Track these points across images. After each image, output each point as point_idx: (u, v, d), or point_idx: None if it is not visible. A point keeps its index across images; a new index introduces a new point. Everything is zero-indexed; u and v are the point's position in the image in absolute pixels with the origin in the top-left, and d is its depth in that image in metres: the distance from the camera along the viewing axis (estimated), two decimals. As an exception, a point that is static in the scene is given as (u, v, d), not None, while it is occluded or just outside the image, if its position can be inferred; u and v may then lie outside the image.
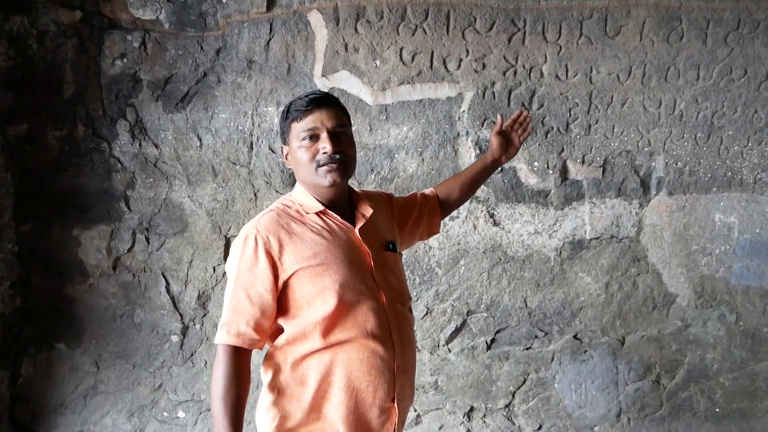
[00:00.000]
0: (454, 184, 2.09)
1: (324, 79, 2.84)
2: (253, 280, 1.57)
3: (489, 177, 2.20)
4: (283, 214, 1.65)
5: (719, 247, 2.88)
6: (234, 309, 1.57)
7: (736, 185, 2.86)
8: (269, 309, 1.58)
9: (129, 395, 3.00)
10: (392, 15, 2.78)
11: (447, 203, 2.08)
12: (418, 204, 2.01)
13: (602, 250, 2.91)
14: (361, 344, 1.59)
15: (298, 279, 1.58)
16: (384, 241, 1.75)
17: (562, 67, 2.81)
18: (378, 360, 1.60)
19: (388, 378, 1.62)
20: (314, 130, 1.62)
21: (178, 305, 2.98)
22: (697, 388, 2.96)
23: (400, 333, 1.67)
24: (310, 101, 1.63)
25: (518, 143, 2.13)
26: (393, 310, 1.66)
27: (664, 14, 2.74)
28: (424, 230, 2.03)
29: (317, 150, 1.62)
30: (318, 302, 1.58)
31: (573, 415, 2.98)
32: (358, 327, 1.59)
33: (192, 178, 2.91)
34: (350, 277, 1.60)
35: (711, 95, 2.81)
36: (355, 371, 1.59)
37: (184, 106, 2.86)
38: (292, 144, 1.66)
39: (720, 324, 2.92)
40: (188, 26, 2.81)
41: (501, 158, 2.12)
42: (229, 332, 1.56)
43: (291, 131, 1.66)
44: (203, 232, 2.94)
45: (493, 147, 2.10)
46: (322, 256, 1.59)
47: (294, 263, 1.58)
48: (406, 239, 1.97)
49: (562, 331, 2.96)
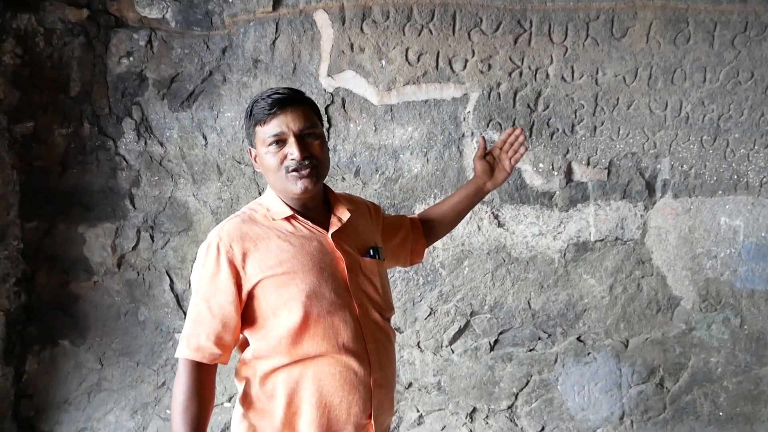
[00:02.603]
0: (435, 215, 1.95)
1: (329, 79, 2.84)
2: (215, 291, 1.48)
3: (474, 206, 2.01)
4: (248, 220, 1.55)
5: (724, 250, 2.87)
6: (195, 321, 1.49)
7: (741, 188, 2.85)
8: (231, 321, 1.48)
9: (132, 392, 3.01)
10: (398, 15, 2.78)
11: (429, 233, 1.95)
12: (405, 228, 1.90)
13: (606, 253, 2.91)
14: (333, 358, 1.49)
15: (262, 289, 1.49)
16: (363, 247, 1.64)
17: (568, 69, 2.80)
18: (352, 375, 1.50)
19: (364, 394, 1.52)
20: (280, 135, 1.51)
21: (182, 303, 2.98)
22: (700, 392, 2.95)
23: (377, 345, 1.56)
24: (273, 103, 1.50)
25: (509, 166, 1.90)
26: (368, 320, 1.56)
27: (671, 16, 2.73)
28: (406, 257, 1.91)
29: (284, 155, 1.51)
30: (284, 313, 1.48)
31: (576, 417, 2.98)
32: (329, 340, 1.49)
33: (197, 177, 2.92)
34: (319, 286, 1.50)
35: (717, 98, 2.79)
36: (327, 387, 1.50)
37: (190, 104, 2.87)
38: (259, 148, 1.55)
39: (724, 327, 2.90)
40: (194, 25, 2.81)
41: (486, 185, 1.92)
42: (189, 346, 1.48)
43: (256, 135, 1.55)
44: (208, 230, 2.89)
45: (477, 172, 1.91)
46: (288, 264, 1.49)
47: (258, 272, 1.48)
48: (387, 259, 1.81)
49: (566, 333, 2.96)
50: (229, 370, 2.96)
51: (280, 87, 1.58)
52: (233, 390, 3.00)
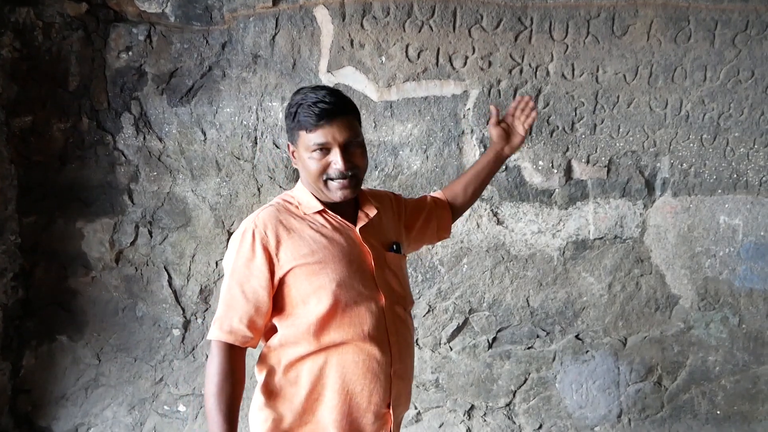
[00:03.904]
0: (459, 186, 2.01)
1: (329, 75, 2.83)
2: (249, 276, 1.54)
3: (496, 172, 2.09)
4: (283, 210, 1.62)
5: (723, 249, 2.87)
6: (228, 305, 1.55)
7: (741, 187, 2.85)
8: (264, 306, 1.54)
9: (130, 388, 3.00)
10: (399, 11, 2.77)
11: (455, 206, 2.01)
12: (428, 207, 1.95)
13: (606, 251, 2.91)
14: (357, 347, 1.55)
15: (294, 276, 1.55)
16: (387, 242, 1.71)
17: (569, 66, 2.79)
18: (374, 363, 1.56)
19: (384, 383, 1.58)
20: (325, 145, 1.55)
21: (180, 299, 2.98)
22: (698, 390, 2.95)
23: (398, 337, 1.63)
24: (321, 114, 1.52)
25: (523, 130, 1.98)
26: (392, 313, 1.62)
27: (672, 14, 2.72)
28: (433, 234, 1.97)
29: (328, 163, 1.56)
30: (313, 301, 1.54)
31: (574, 415, 2.98)
32: (355, 329, 1.55)
33: (196, 173, 2.91)
34: (348, 276, 1.56)
35: (718, 96, 2.79)
36: (350, 374, 1.55)
37: (189, 100, 2.85)
38: (300, 151, 1.60)
39: (723, 326, 2.91)
40: (194, 20, 2.80)
41: (504, 149, 2.00)
42: (222, 328, 1.53)
43: (299, 138, 1.58)
44: (206, 226, 2.94)
45: (493, 139, 1.99)
46: (319, 254, 1.55)
47: (291, 260, 1.54)
48: (413, 242, 1.92)
49: (564, 330, 2.96)
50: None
51: (324, 92, 1.57)
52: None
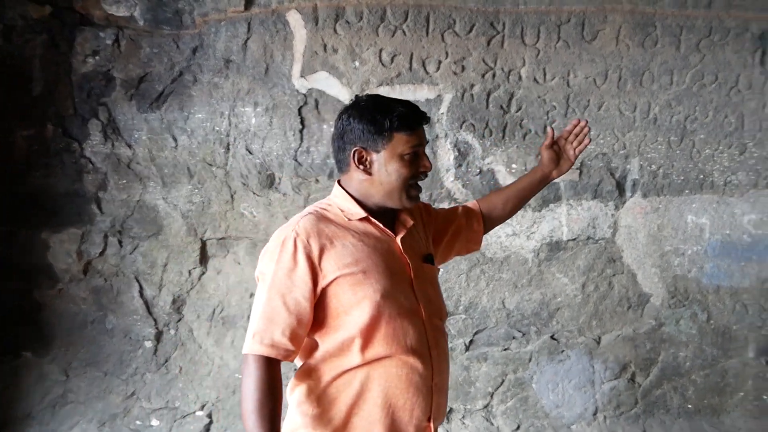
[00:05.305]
0: (498, 199, 1.97)
1: (302, 80, 2.81)
2: (291, 287, 1.47)
3: (537, 193, 2.04)
4: (322, 218, 1.56)
5: (691, 247, 2.96)
6: (268, 317, 1.47)
7: (707, 187, 2.94)
8: (306, 317, 1.48)
9: (100, 404, 2.90)
10: (372, 16, 2.77)
11: (490, 218, 1.96)
12: (459, 217, 1.91)
13: (579, 251, 2.96)
14: (400, 360, 1.51)
15: (338, 286, 1.50)
16: (423, 253, 1.68)
17: (540, 71, 2.84)
18: (417, 377, 1.52)
19: (426, 396, 1.54)
20: (420, 146, 1.57)
21: (152, 310, 2.90)
22: (670, 386, 3.03)
23: (438, 350, 1.60)
24: (418, 117, 1.56)
25: (573, 156, 1.93)
26: (432, 325, 1.59)
27: (640, 20, 2.80)
28: (462, 246, 1.93)
29: (417, 167, 1.57)
30: (356, 312, 1.49)
31: (550, 414, 3.02)
32: (398, 341, 1.51)
33: (167, 180, 2.84)
34: (391, 287, 1.52)
35: (684, 100, 2.88)
36: (393, 388, 1.51)
37: (159, 105, 2.79)
38: (387, 156, 1.55)
39: (692, 323, 2.99)
40: (164, 24, 2.74)
41: (551, 173, 1.95)
42: (263, 342, 1.45)
43: (391, 142, 1.54)
44: (178, 234, 2.87)
45: (543, 161, 1.93)
46: (363, 264, 1.51)
47: (335, 269, 1.49)
48: (442, 253, 1.87)
49: (540, 331, 3.00)
50: (195, 377, 2.90)
51: (397, 100, 1.60)
52: (205, 398, 2.94)
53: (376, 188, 1.58)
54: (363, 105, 1.58)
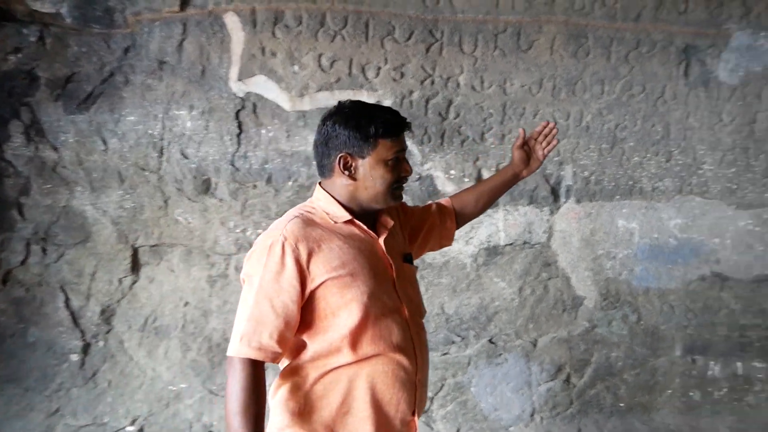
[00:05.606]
0: (470, 196, 2.03)
1: (240, 83, 2.76)
2: (279, 290, 1.50)
3: (507, 191, 2.14)
4: (309, 221, 1.58)
5: (622, 251, 3.06)
6: (256, 320, 1.49)
7: (636, 193, 3.05)
8: (293, 320, 1.51)
9: (20, 423, 2.73)
10: (311, 21, 2.75)
11: (462, 215, 2.02)
12: (433, 215, 1.96)
13: (516, 256, 3.01)
14: (387, 357, 1.57)
15: (326, 288, 1.53)
16: (402, 253, 1.73)
17: (478, 78, 2.89)
18: (403, 373, 1.58)
19: (410, 391, 1.60)
20: (402, 152, 1.63)
21: (79, 321, 2.76)
22: (603, 386, 3.11)
23: (421, 345, 1.67)
24: (402, 123, 1.62)
25: (542, 156, 2.02)
26: (414, 323, 1.66)
27: (573, 31, 2.89)
28: (435, 243, 1.99)
29: (399, 172, 1.62)
30: (344, 314, 1.53)
31: (489, 417, 3.05)
32: (385, 340, 1.56)
33: (96, 185, 2.72)
34: (376, 288, 1.57)
35: (614, 109, 2.98)
36: (381, 384, 1.56)
37: (88, 107, 2.67)
38: (372, 161, 1.59)
39: (623, 324, 3.09)
40: (93, 22, 2.63)
41: (522, 172, 2.04)
42: (250, 345, 1.48)
43: (376, 147, 1.59)
44: (108, 242, 2.75)
45: (514, 161, 2.02)
46: (350, 266, 1.55)
47: (323, 273, 1.52)
48: (416, 250, 1.92)
49: (478, 335, 3.03)
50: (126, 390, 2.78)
51: (384, 106, 1.70)
52: (136, 412, 2.81)
53: (360, 192, 1.62)
54: (348, 111, 1.61)
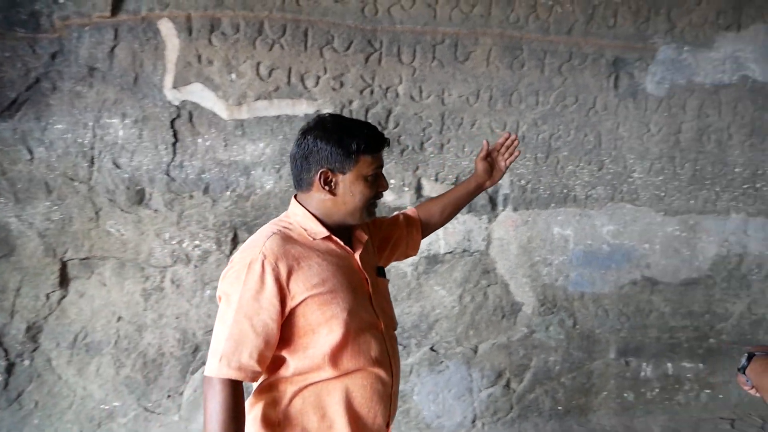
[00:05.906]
0: (435, 207, 2.06)
1: (175, 91, 2.70)
2: (258, 309, 1.48)
3: (471, 201, 2.17)
4: (287, 238, 1.56)
5: (558, 257, 3.14)
6: (235, 340, 1.47)
7: (570, 201, 3.14)
8: (273, 339, 1.50)
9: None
10: (249, 29, 2.72)
11: (428, 225, 2.04)
12: (400, 226, 1.97)
13: (455, 264, 3.05)
14: (366, 371, 1.58)
15: (306, 306, 1.52)
16: (375, 266, 1.74)
17: (417, 89, 2.92)
18: (380, 386, 1.60)
19: (386, 403, 1.62)
20: (380, 168, 1.63)
21: (2, 339, 2.63)
22: (542, 390, 3.18)
23: (396, 359, 1.69)
24: (381, 140, 1.61)
25: (504, 167, 2.08)
26: (389, 336, 1.68)
27: (508, 43, 2.96)
28: (402, 252, 2.00)
29: (377, 187, 1.62)
30: (324, 330, 1.53)
31: (432, 425, 3.06)
32: (364, 355, 1.57)
33: (20, 196, 2.59)
34: (355, 304, 1.57)
35: (549, 119, 3.06)
36: (359, 398, 1.58)
37: (12, 114, 2.55)
38: (353, 177, 1.58)
39: (560, 328, 3.17)
40: (17, 26, 2.52)
41: (485, 183, 2.09)
42: (230, 365, 1.45)
43: (357, 163, 1.57)
44: (34, 255, 2.62)
45: (478, 172, 2.06)
46: (330, 283, 1.54)
47: (303, 290, 1.51)
48: (384, 261, 1.93)
49: (420, 343, 3.04)
50: (54, 411, 2.66)
51: (363, 121, 1.65)
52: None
53: (338, 207, 1.61)
54: (330, 126, 1.59)
